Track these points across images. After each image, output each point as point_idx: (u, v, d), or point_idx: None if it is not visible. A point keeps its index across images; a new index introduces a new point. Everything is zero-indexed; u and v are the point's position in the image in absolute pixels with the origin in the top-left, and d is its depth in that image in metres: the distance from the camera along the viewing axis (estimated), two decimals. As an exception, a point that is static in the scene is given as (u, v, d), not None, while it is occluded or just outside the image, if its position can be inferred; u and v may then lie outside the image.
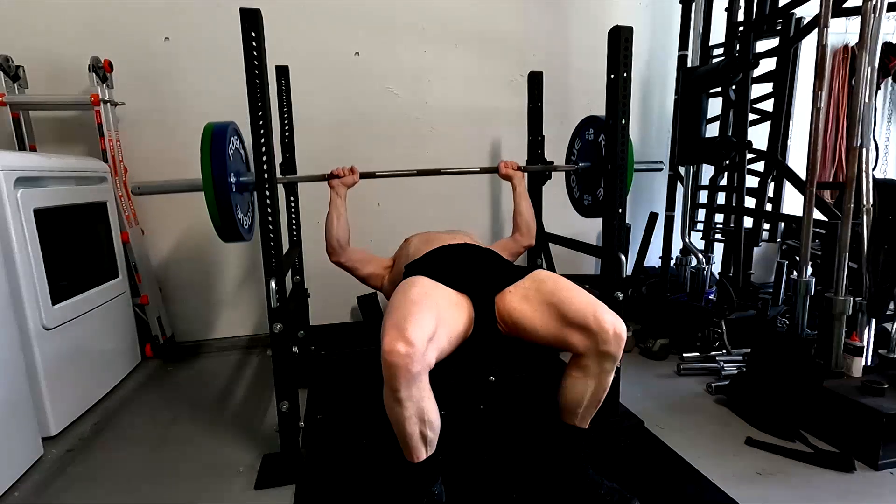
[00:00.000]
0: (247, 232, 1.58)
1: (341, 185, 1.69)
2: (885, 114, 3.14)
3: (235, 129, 1.56)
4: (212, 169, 1.38)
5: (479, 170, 2.04)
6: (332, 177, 1.69)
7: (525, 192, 1.88)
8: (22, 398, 1.46)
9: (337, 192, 1.69)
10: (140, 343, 2.29)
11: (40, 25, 2.16)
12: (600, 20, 2.63)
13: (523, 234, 1.86)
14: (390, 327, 1.07)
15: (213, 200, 1.39)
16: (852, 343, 1.61)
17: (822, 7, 1.63)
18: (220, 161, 1.39)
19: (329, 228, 1.68)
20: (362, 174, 1.73)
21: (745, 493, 1.31)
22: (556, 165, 1.98)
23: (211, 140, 1.41)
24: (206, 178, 1.38)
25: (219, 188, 1.39)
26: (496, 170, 1.85)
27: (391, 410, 1.10)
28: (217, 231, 1.47)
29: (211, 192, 1.39)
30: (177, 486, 1.43)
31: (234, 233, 1.48)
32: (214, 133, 1.43)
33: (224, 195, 1.40)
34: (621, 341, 1.17)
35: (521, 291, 1.30)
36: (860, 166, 1.59)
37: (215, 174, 1.38)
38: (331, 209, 1.68)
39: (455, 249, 1.49)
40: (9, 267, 1.50)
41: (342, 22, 2.42)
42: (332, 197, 1.69)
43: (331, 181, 1.69)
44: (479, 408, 1.71)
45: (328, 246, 1.70)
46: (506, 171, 1.84)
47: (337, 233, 1.67)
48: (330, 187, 1.70)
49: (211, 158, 1.38)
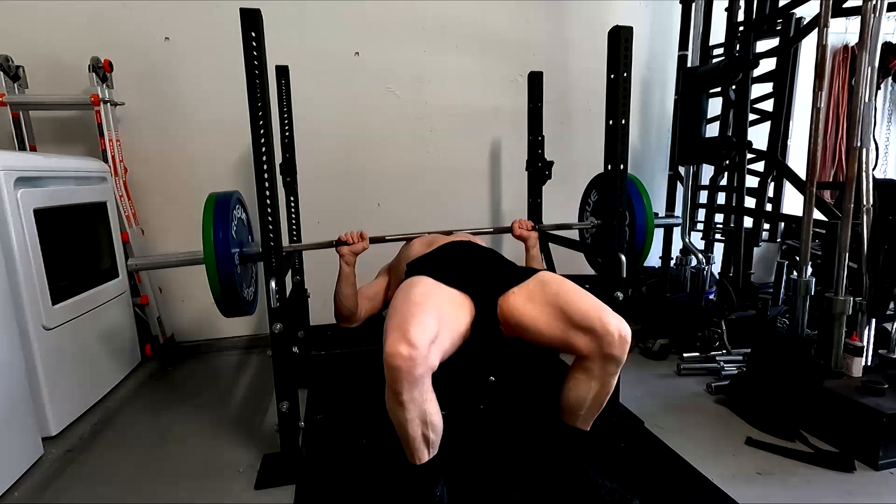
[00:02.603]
0: (250, 306, 1.51)
1: (350, 254, 1.56)
2: (885, 114, 3.14)
3: (239, 197, 1.50)
4: (214, 246, 1.32)
5: (493, 230, 1.87)
6: (340, 243, 1.57)
7: (538, 256, 1.77)
8: (22, 398, 1.46)
9: (346, 262, 1.55)
10: (140, 343, 2.29)
11: (40, 25, 2.16)
12: (600, 20, 2.62)
13: None
14: (393, 329, 1.06)
15: (216, 277, 1.34)
16: (852, 343, 1.61)
17: (822, 7, 1.62)
18: (223, 236, 1.32)
19: (339, 301, 1.56)
20: (372, 239, 1.61)
21: (745, 493, 1.31)
22: (571, 223, 1.91)
23: (213, 213, 1.35)
24: (208, 254, 1.33)
25: (223, 266, 1.32)
26: (509, 230, 1.75)
27: (393, 413, 1.10)
28: (218, 306, 1.42)
29: (214, 270, 1.33)
30: (177, 486, 1.43)
31: (237, 309, 1.43)
32: (217, 205, 1.36)
33: (228, 272, 1.34)
34: (626, 345, 1.16)
35: (526, 293, 1.29)
36: (860, 166, 1.59)
37: (218, 250, 1.32)
38: (340, 280, 1.55)
39: (457, 248, 1.48)
40: (9, 267, 1.50)
41: (342, 22, 2.42)
42: (342, 266, 1.55)
43: (339, 249, 1.57)
44: (479, 408, 1.72)
45: (339, 316, 1.59)
46: (519, 232, 1.73)
47: (348, 304, 1.56)
48: (338, 255, 1.57)
49: (213, 234, 1.32)
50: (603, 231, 1.60)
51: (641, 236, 1.68)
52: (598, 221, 1.74)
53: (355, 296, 1.57)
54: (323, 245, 1.62)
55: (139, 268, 1.44)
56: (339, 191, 2.53)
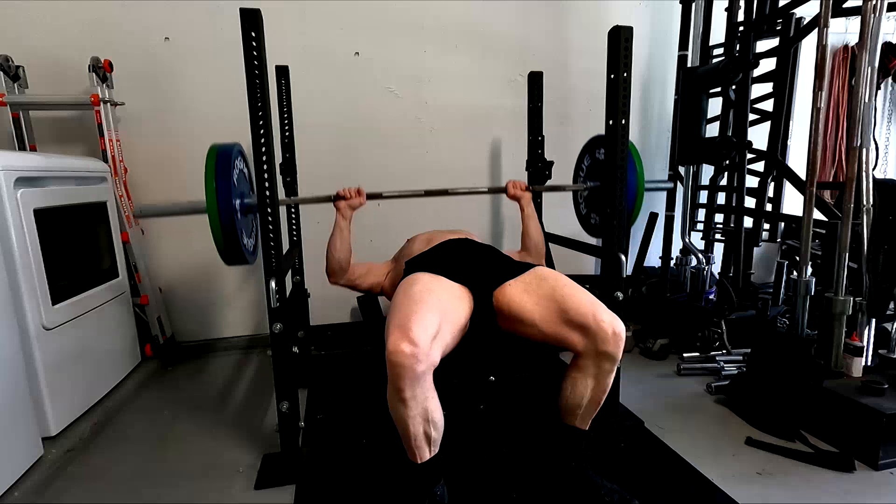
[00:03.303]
0: (250, 255, 1.54)
1: (347, 208, 1.62)
2: (885, 114, 3.14)
3: (240, 150, 1.52)
4: (216, 194, 1.35)
5: (487, 190, 1.95)
6: (338, 198, 1.62)
7: (534, 213, 1.81)
8: (22, 398, 1.46)
9: (342, 215, 1.61)
10: (140, 343, 2.29)
11: (40, 25, 2.16)
12: (600, 20, 2.62)
13: (532, 256, 1.78)
14: (394, 327, 1.07)
15: (219, 226, 1.36)
16: (852, 343, 1.61)
17: (822, 7, 1.62)
18: (225, 185, 1.35)
19: (331, 251, 1.61)
20: (369, 195, 1.66)
21: (745, 493, 1.31)
22: (565, 185, 1.94)
23: (216, 163, 1.38)
24: (210, 203, 1.35)
25: (224, 213, 1.35)
26: (504, 190, 1.80)
27: (395, 410, 1.10)
28: (220, 255, 1.45)
29: (216, 218, 1.35)
30: (177, 486, 1.43)
31: (238, 257, 1.46)
32: (219, 155, 1.39)
33: (229, 220, 1.36)
34: (620, 342, 1.17)
35: (522, 285, 1.30)
36: (860, 166, 1.59)
37: (220, 200, 1.35)
38: (335, 232, 1.61)
39: (455, 244, 1.50)
40: (9, 267, 1.50)
41: (342, 22, 2.42)
42: (338, 219, 1.61)
43: (336, 203, 1.62)
44: (479, 408, 1.72)
45: (329, 268, 1.65)
46: (514, 192, 1.78)
47: (339, 256, 1.61)
48: (335, 209, 1.63)
49: (216, 182, 1.35)
50: (597, 192, 1.72)
51: (632, 196, 1.72)
52: (593, 184, 1.80)
53: (348, 252, 1.62)
54: (322, 199, 1.66)
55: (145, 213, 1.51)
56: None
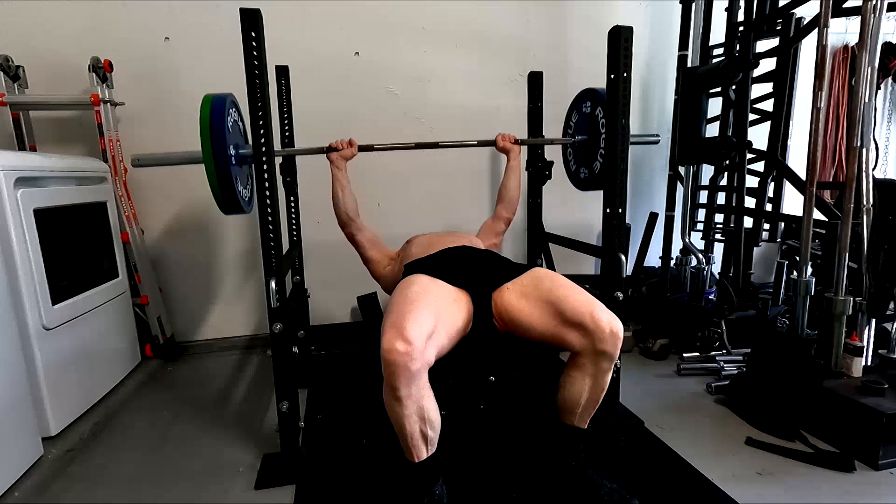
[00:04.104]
0: (247, 204, 1.59)
1: (340, 158, 1.71)
2: (885, 114, 3.14)
3: (234, 101, 1.57)
4: (211, 141, 1.39)
5: (477, 143, 1.96)
6: (331, 150, 1.70)
7: (518, 167, 1.88)
8: (22, 398, 1.46)
9: (336, 166, 1.70)
10: (140, 343, 2.29)
11: (40, 25, 2.16)
12: (600, 20, 2.62)
13: (505, 205, 1.87)
14: (389, 326, 1.07)
15: (214, 172, 1.40)
16: (852, 343, 1.61)
17: (822, 7, 1.62)
18: (220, 133, 1.39)
19: (336, 201, 1.70)
20: (360, 147, 1.73)
21: (745, 493, 1.31)
22: (553, 138, 1.97)
23: (210, 112, 1.41)
24: (206, 150, 1.39)
25: (219, 161, 1.40)
26: (493, 143, 1.86)
27: (391, 409, 1.10)
28: (218, 203, 1.49)
29: (211, 165, 1.40)
30: (177, 486, 1.43)
31: (235, 205, 1.50)
32: (213, 105, 1.43)
33: (224, 167, 1.41)
34: (618, 340, 1.17)
35: (519, 288, 1.30)
36: (860, 166, 1.59)
37: (215, 147, 1.39)
38: (334, 183, 1.70)
39: (454, 251, 1.49)
40: (9, 267, 1.50)
41: (342, 22, 2.42)
42: (333, 171, 1.71)
43: (329, 154, 1.70)
44: (479, 408, 1.72)
45: (338, 218, 1.73)
46: (503, 143, 1.84)
47: (344, 203, 1.69)
48: (329, 161, 1.71)
49: (210, 131, 1.39)
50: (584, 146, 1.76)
51: None
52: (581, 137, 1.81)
53: (351, 199, 1.70)
54: (315, 151, 1.71)
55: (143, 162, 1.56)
56: (339, 191, 2.53)
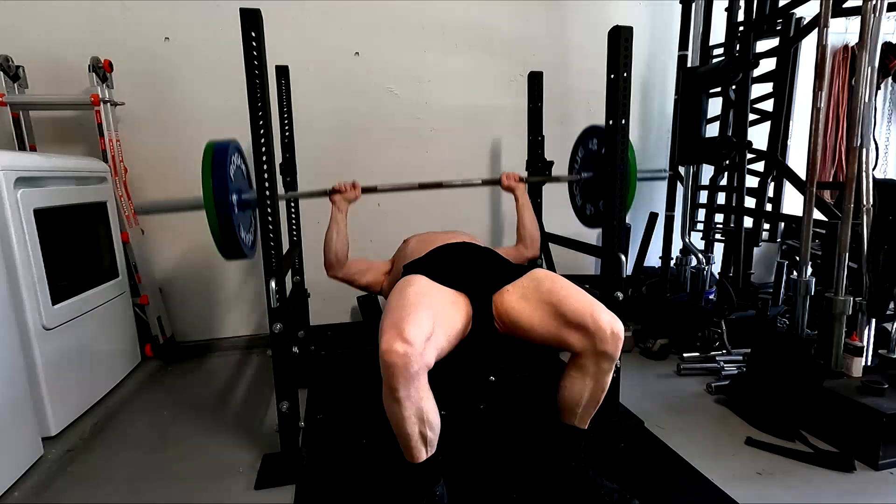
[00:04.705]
0: (249, 249, 1.55)
1: (343, 201, 1.65)
2: (885, 114, 3.14)
3: (237, 146, 1.53)
4: (213, 189, 1.35)
5: (481, 182, 1.97)
6: (334, 192, 1.65)
7: (528, 204, 1.85)
8: (22, 398, 1.46)
9: (338, 208, 1.65)
10: (140, 343, 2.29)
11: (40, 25, 2.16)
12: (600, 20, 2.62)
13: (527, 247, 1.83)
14: (388, 327, 1.07)
15: (216, 220, 1.36)
16: (852, 343, 1.61)
17: (822, 7, 1.62)
18: (222, 181, 1.36)
19: (328, 244, 1.65)
20: (364, 188, 1.69)
21: (745, 493, 1.31)
22: (559, 176, 1.96)
23: (212, 159, 1.38)
24: (207, 198, 1.35)
25: (221, 208, 1.36)
26: (498, 182, 1.83)
27: (390, 411, 1.10)
28: (219, 250, 1.45)
29: (213, 213, 1.36)
30: (177, 486, 1.43)
31: (237, 251, 1.46)
32: (216, 152, 1.40)
33: (226, 215, 1.37)
34: (619, 341, 1.17)
35: (520, 290, 1.30)
36: (860, 166, 1.59)
37: (217, 195, 1.35)
38: (331, 225, 1.65)
39: (453, 248, 1.49)
40: (9, 267, 1.50)
41: (342, 22, 2.42)
42: (333, 212, 1.65)
43: (332, 196, 1.65)
44: (479, 408, 1.72)
45: (326, 261, 1.68)
46: (508, 183, 1.81)
47: (336, 248, 1.64)
48: (331, 202, 1.66)
49: (212, 178, 1.35)
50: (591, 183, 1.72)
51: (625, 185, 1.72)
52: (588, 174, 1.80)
53: (344, 245, 1.65)
54: (318, 193, 1.67)
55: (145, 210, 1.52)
56: (339, 191, 2.53)
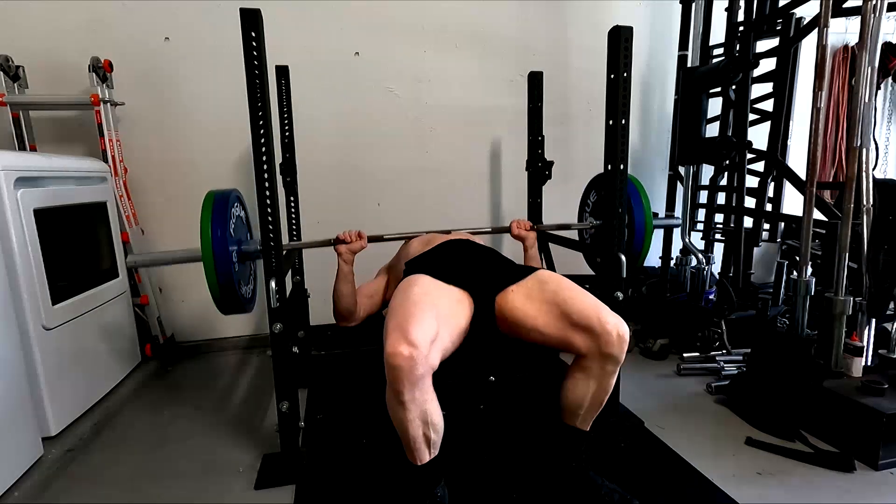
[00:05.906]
0: (248, 303, 1.50)
1: (349, 252, 1.57)
2: (885, 114, 3.14)
3: (238, 196, 1.50)
4: (212, 244, 1.31)
5: (491, 230, 1.89)
6: (339, 242, 1.58)
7: (537, 256, 1.78)
8: (22, 398, 1.46)
9: (345, 260, 1.56)
10: (140, 343, 2.29)
11: (40, 25, 2.15)
12: (600, 20, 2.62)
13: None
14: (393, 329, 1.06)
15: (214, 275, 1.32)
16: (852, 343, 1.61)
17: (822, 7, 1.62)
18: (221, 234, 1.32)
19: (339, 300, 1.56)
20: (370, 237, 1.62)
21: (745, 493, 1.31)
22: (570, 223, 1.90)
23: (212, 211, 1.35)
24: (206, 252, 1.32)
25: (220, 262, 1.32)
26: (508, 230, 1.76)
27: (394, 413, 1.10)
28: (216, 303, 1.40)
29: (211, 267, 1.32)
30: (177, 486, 1.43)
31: (236, 306, 1.42)
32: (216, 203, 1.37)
33: (225, 270, 1.33)
34: (624, 343, 1.16)
35: (524, 291, 1.29)
36: (860, 166, 1.59)
37: (216, 247, 1.32)
38: (339, 279, 1.55)
39: (455, 246, 1.48)
40: (9, 267, 1.50)
41: (342, 22, 2.42)
42: (340, 265, 1.56)
43: (337, 247, 1.58)
44: (479, 408, 1.72)
45: (337, 313, 1.59)
46: (518, 231, 1.75)
47: (347, 303, 1.56)
48: (337, 254, 1.57)
49: (211, 231, 1.32)
50: (602, 231, 1.60)
51: (640, 236, 1.68)
52: (598, 222, 1.74)
53: (354, 295, 1.57)
54: (322, 243, 1.62)
55: (138, 264, 1.43)
56: (339, 191, 2.53)
